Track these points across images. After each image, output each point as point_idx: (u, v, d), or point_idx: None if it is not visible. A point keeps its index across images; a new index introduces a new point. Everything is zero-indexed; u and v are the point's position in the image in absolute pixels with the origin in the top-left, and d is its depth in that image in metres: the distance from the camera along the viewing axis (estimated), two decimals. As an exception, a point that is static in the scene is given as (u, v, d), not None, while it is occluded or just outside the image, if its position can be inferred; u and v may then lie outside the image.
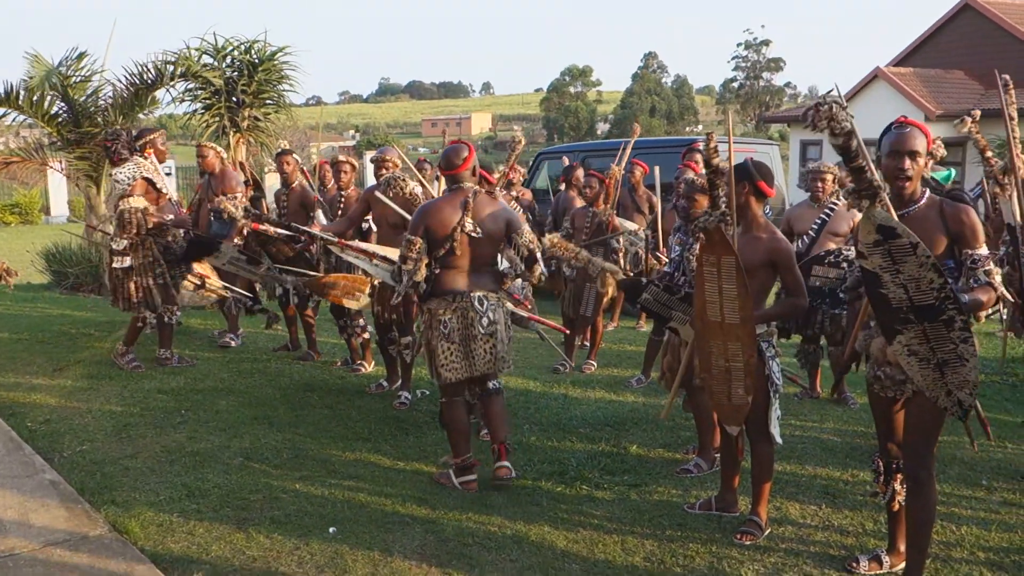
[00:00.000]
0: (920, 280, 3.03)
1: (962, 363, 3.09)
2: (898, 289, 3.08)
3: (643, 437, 5.35)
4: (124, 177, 6.37)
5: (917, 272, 3.03)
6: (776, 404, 4.03)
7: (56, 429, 5.30)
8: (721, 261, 3.77)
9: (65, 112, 11.15)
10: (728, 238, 3.78)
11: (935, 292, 3.02)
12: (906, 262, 3.04)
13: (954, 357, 3.08)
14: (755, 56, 70.84)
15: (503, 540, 3.90)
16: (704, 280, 3.84)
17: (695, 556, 3.78)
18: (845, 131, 3.04)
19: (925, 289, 3.04)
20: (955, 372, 3.10)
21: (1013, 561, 3.73)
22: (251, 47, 12.07)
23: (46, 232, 17.68)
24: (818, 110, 3.02)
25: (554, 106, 75.56)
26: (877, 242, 3.08)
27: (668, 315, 4.43)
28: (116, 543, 3.82)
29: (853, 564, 3.65)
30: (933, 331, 3.08)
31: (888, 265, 3.08)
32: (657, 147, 11.80)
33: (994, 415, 5.86)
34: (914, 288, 3.05)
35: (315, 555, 3.74)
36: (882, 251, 3.08)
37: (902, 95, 20.79)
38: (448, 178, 4.57)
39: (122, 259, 6.43)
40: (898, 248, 3.05)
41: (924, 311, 3.07)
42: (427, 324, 4.57)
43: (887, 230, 3.05)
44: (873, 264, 3.12)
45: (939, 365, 3.11)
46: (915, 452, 3.34)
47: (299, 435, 5.28)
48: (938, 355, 3.10)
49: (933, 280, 3.02)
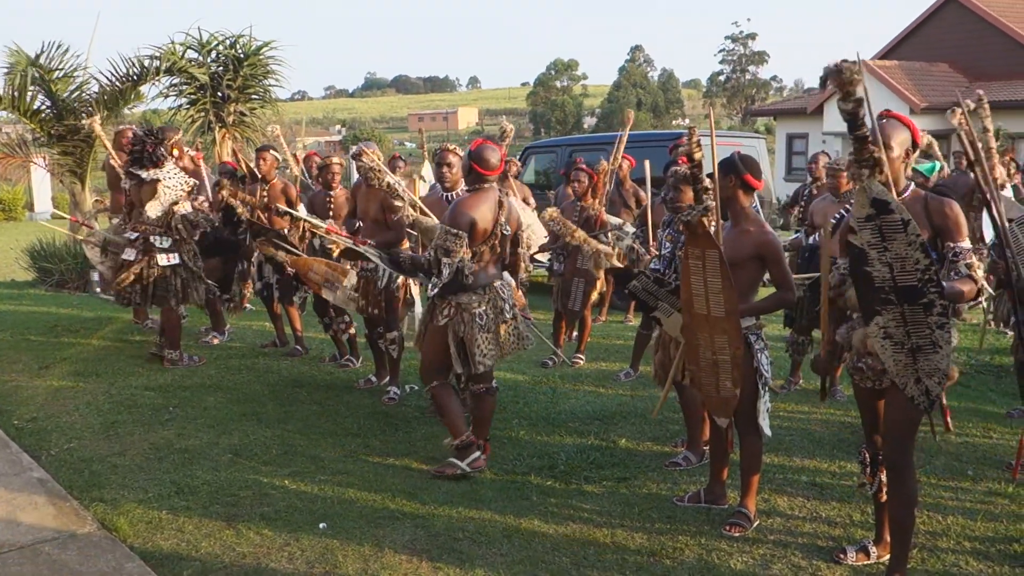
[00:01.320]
0: (906, 260, 3.06)
1: (935, 349, 3.12)
2: (883, 268, 3.11)
3: (632, 431, 5.37)
4: (175, 183, 6.54)
5: (904, 251, 3.06)
6: (766, 396, 4.05)
7: (43, 427, 5.27)
8: (705, 255, 3.79)
9: (48, 108, 11.07)
10: (711, 232, 3.79)
11: (919, 273, 3.06)
12: (895, 239, 3.07)
13: (928, 343, 3.12)
14: (741, 49, 70.94)
15: (493, 534, 3.91)
16: (690, 273, 3.87)
17: (684, 548, 3.80)
18: (857, 97, 3.07)
19: (910, 269, 3.07)
20: (927, 359, 3.13)
21: (998, 550, 3.77)
22: (236, 42, 12.03)
23: (30, 229, 17.57)
24: (840, 70, 3.04)
25: (541, 100, 75.47)
26: (869, 216, 3.11)
27: (654, 304, 4.45)
28: (105, 540, 3.81)
29: (841, 555, 3.68)
30: (912, 314, 3.11)
31: (876, 242, 3.11)
32: (646, 141, 11.80)
33: (979, 405, 5.92)
34: (899, 267, 3.08)
35: (305, 551, 3.73)
36: (872, 226, 3.10)
37: (887, 88, 20.89)
38: (478, 176, 4.63)
39: (168, 256, 6.54)
40: (889, 224, 3.07)
41: (906, 292, 3.10)
42: (454, 317, 4.59)
43: (881, 204, 3.08)
44: (862, 240, 3.14)
45: (912, 351, 3.15)
46: (894, 442, 3.37)
47: (288, 431, 5.28)
48: (913, 339, 3.14)
49: (919, 260, 3.05)
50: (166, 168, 6.52)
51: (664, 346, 4.77)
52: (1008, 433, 5.30)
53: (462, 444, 4.60)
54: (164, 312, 6.72)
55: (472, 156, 4.61)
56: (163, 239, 6.55)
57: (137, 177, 6.48)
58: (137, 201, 6.60)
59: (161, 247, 6.54)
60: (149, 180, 6.45)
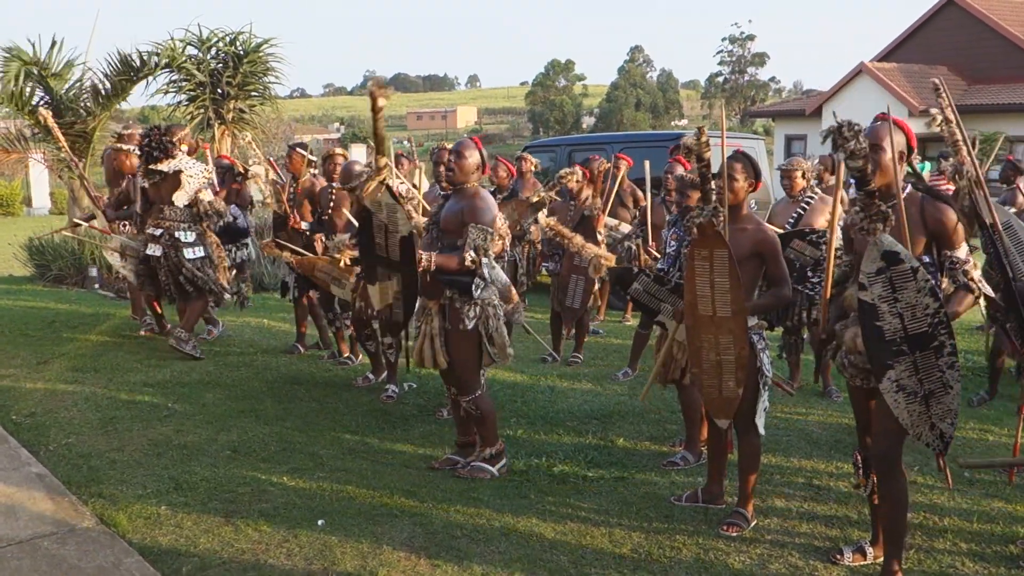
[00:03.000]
0: (916, 307, 3.07)
1: (946, 391, 3.13)
2: (894, 319, 3.11)
3: (630, 430, 5.38)
4: (197, 172, 6.65)
5: (915, 299, 3.06)
6: (765, 396, 4.07)
7: (41, 422, 5.27)
8: (713, 255, 3.79)
9: (47, 103, 11.07)
10: (720, 232, 3.80)
11: (929, 318, 3.06)
12: (906, 289, 3.07)
13: (940, 386, 3.13)
14: (740, 51, 70.98)
15: (491, 532, 3.92)
16: (695, 275, 3.86)
17: (682, 548, 3.81)
18: (863, 154, 3.09)
19: (920, 316, 3.07)
20: (939, 402, 3.14)
21: (995, 552, 3.79)
22: (236, 39, 12.03)
23: (28, 224, 17.54)
24: (840, 131, 3.08)
25: (539, 100, 75.44)
26: (880, 270, 3.10)
27: (657, 307, 4.45)
28: (104, 536, 3.81)
29: (837, 556, 3.69)
30: (923, 360, 3.11)
31: (887, 295, 3.10)
32: (645, 141, 11.83)
33: (974, 407, 5.94)
34: (910, 316, 3.08)
35: (304, 547, 3.74)
36: (883, 279, 3.10)
37: (886, 90, 20.94)
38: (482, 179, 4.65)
39: (194, 249, 6.67)
40: (899, 274, 3.07)
41: (917, 340, 3.10)
42: (481, 316, 4.47)
43: (891, 255, 3.08)
44: (872, 295, 3.14)
45: (925, 398, 3.15)
46: (883, 442, 3.39)
47: (287, 428, 5.28)
48: (925, 386, 3.14)
49: (929, 306, 3.06)
50: (184, 159, 6.61)
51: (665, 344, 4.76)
52: (1004, 435, 5.31)
53: (498, 452, 4.64)
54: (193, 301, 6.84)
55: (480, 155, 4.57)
56: (187, 233, 6.66)
57: (159, 173, 6.55)
58: (158, 198, 6.68)
59: (187, 241, 6.65)
60: (172, 172, 6.54)
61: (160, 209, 6.67)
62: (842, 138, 3.11)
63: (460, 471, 4.59)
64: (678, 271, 4.75)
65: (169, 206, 6.61)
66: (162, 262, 6.68)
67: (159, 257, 6.67)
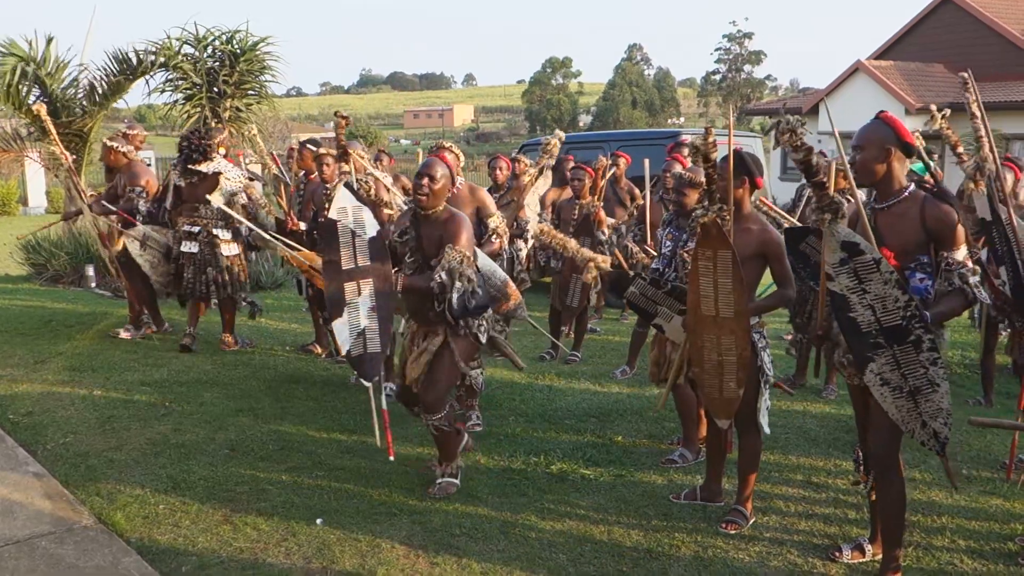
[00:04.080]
0: (886, 299, 3.08)
1: (933, 389, 3.13)
2: (866, 311, 3.12)
3: (628, 428, 5.38)
4: (235, 175, 6.92)
5: (883, 290, 3.07)
6: (767, 395, 4.07)
7: (39, 421, 5.26)
8: (717, 255, 3.78)
9: (44, 101, 11.04)
10: (725, 232, 3.80)
11: (901, 311, 3.07)
12: (871, 280, 3.09)
13: (925, 383, 3.13)
14: (737, 48, 71.02)
15: (490, 530, 3.92)
16: (699, 275, 3.85)
17: (681, 545, 3.81)
18: (805, 147, 3.13)
19: (891, 308, 3.08)
20: (928, 400, 3.14)
21: (993, 549, 3.79)
22: (233, 37, 11.99)
23: (24, 223, 17.52)
24: (779, 127, 3.14)
25: (536, 98, 75.41)
26: (843, 260, 3.13)
27: (654, 311, 4.45)
28: (102, 535, 3.80)
29: (836, 553, 3.70)
30: (903, 355, 3.12)
31: (855, 285, 3.12)
32: (643, 139, 11.82)
33: (973, 405, 5.95)
34: (881, 308, 3.10)
35: (302, 546, 3.74)
36: (848, 270, 3.13)
37: (883, 88, 20.93)
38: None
39: (230, 246, 6.99)
40: (863, 265, 3.09)
41: (893, 333, 3.11)
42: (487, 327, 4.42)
43: (850, 246, 3.10)
44: (840, 286, 3.16)
45: (912, 393, 3.15)
46: (881, 440, 3.39)
47: (284, 427, 5.27)
48: (910, 382, 3.14)
49: (898, 298, 3.07)
50: (222, 162, 6.88)
51: (660, 343, 4.78)
52: (1002, 432, 5.31)
53: (457, 468, 4.43)
54: (223, 300, 7.12)
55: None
56: (224, 231, 6.95)
57: (197, 174, 6.80)
58: (193, 197, 6.90)
59: (224, 239, 6.95)
60: (212, 173, 6.81)
61: (195, 208, 6.92)
62: (781, 133, 3.16)
63: (430, 491, 4.30)
64: (674, 272, 4.74)
65: (205, 205, 6.84)
66: (196, 258, 6.92)
67: (193, 254, 6.91)
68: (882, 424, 3.36)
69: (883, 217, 3.29)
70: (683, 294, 4.36)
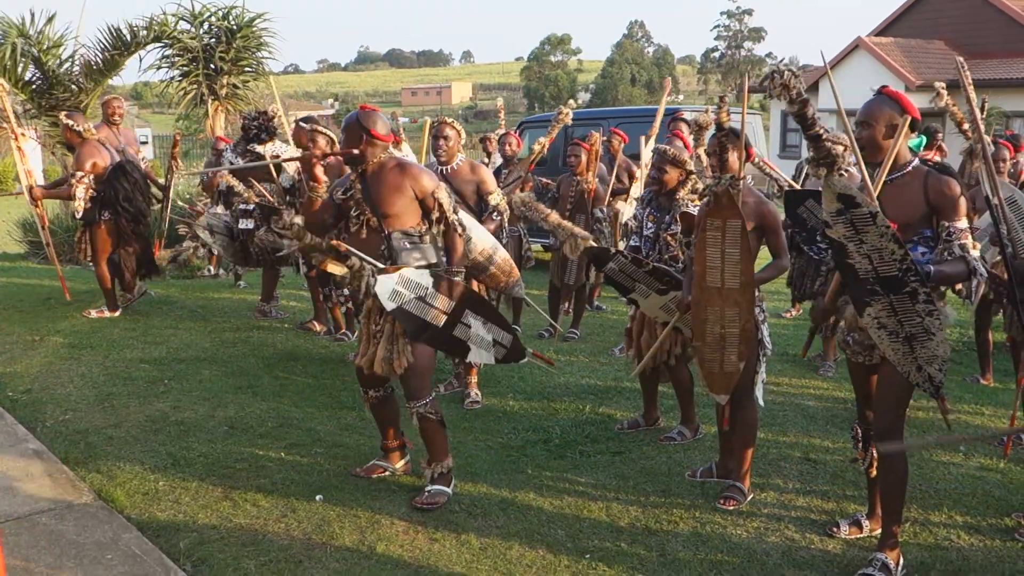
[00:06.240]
0: (883, 250, 3.08)
1: (929, 337, 3.13)
2: (863, 259, 3.13)
3: (627, 405, 5.39)
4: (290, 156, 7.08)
5: (879, 242, 3.07)
6: (763, 368, 4.07)
7: (38, 398, 5.27)
8: (727, 225, 3.78)
9: (39, 79, 10.97)
10: (737, 202, 3.79)
11: (897, 263, 3.07)
12: (867, 232, 3.09)
13: (921, 331, 3.13)
14: (737, 25, 70.65)
15: (489, 507, 3.93)
16: (706, 245, 3.85)
17: (679, 521, 3.83)
18: (800, 98, 3.11)
19: (888, 260, 3.08)
20: (923, 347, 3.15)
21: (990, 525, 3.81)
22: (229, 13, 11.89)
23: (21, 201, 17.38)
24: (772, 79, 3.13)
25: (535, 75, 75.06)
26: (839, 211, 3.13)
27: (631, 286, 4.44)
28: (102, 511, 3.81)
29: (834, 529, 3.71)
30: (899, 303, 3.13)
31: (852, 235, 3.12)
32: (642, 116, 11.76)
33: (971, 382, 5.96)
34: (878, 258, 3.10)
35: (302, 522, 3.75)
36: (844, 220, 3.13)
37: (883, 65, 20.83)
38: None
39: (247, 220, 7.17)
40: (859, 217, 3.09)
41: (889, 282, 3.11)
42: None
43: (847, 198, 3.10)
44: (838, 233, 3.16)
45: (908, 339, 3.16)
46: (884, 416, 3.39)
47: (283, 404, 5.28)
48: (906, 328, 3.15)
49: (895, 251, 3.07)
50: (280, 145, 7.08)
51: (649, 325, 4.74)
52: (1000, 410, 5.34)
53: (449, 469, 4.07)
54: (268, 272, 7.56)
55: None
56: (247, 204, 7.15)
57: (256, 155, 7.02)
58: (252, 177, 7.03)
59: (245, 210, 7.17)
60: (271, 156, 6.98)
61: (251, 186, 7.03)
62: (775, 85, 3.15)
63: (417, 502, 3.93)
64: (657, 253, 4.72)
65: (259, 184, 6.97)
66: (253, 234, 7.11)
67: (250, 231, 7.12)
68: (886, 400, 3.36)
69: (886, 190, 3.29)
70: (664, 275, 4.36)
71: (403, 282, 3.82)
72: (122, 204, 7.11)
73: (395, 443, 4.30)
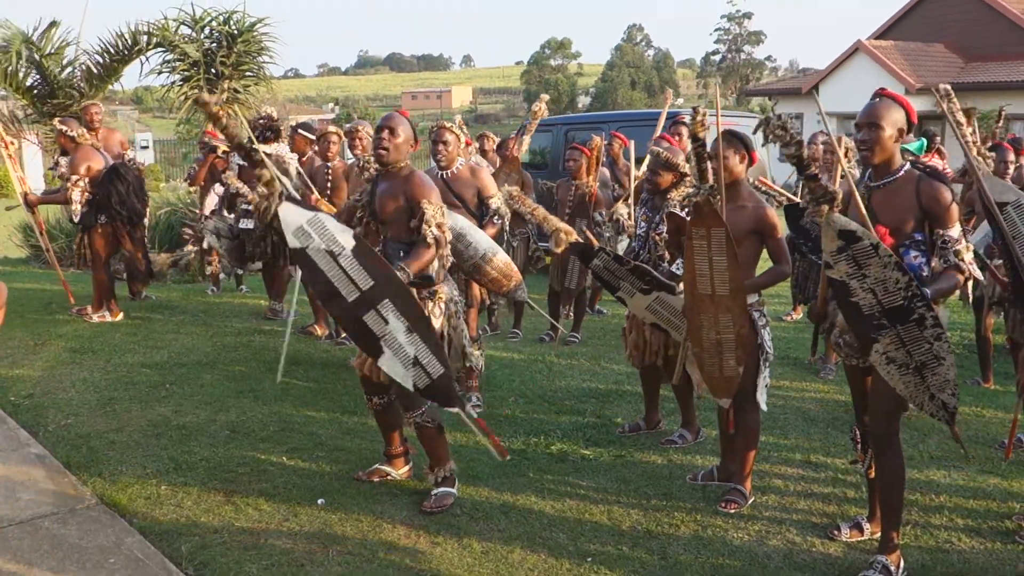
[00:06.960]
0: (887, 281, 3.08)
1: (939, 362, 3.13)
2: (867, 294, 3.13)
3: (628, 408, 5.40)
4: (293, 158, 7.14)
5: (882, 273, 3.08)
6: (766, 372, 4.08)
7: (40, 403, 5.27)
8: (711, 233, 3.79)
9: (40, 84, 11.00)
10: (717, 210, 3.80)
11: (902, 291, 3.07)
12: (870, 264, 3.09)
13: (931, 358, 3.13)
14: (736, 29, 70.71)
15: (490, 510, 3.94)
16: (694, 253, 3.86)
17: (680, 525, 3.83)
18: (796, 141, 3.14)
19: (892, 290, 3.08)
20: (934, 373, 3.14)
21: (990, 527, 3.81)
22: (230, 18, 11.92)
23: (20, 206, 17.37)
24: (768, 124, 3.15)
25: (534, 79, 75.07)
26: (840, 248, 3.13)
27: (617, 285, 4.45)
28: (104, 515, 3.82)
29: (835, 532, 3.72)
30: (907, 333, 3.12)
31: (854, 271, 3.13)
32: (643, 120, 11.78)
33: (971, 385, 5.97)
34: (882, 291, 3.10)
35: (304, 526, 3.76)
36: (846, 257, 3.13)
37: (883, 68, 20.87)
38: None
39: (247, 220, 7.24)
40: (860, 251, 3.10)
41: (895, 313, 3.11)
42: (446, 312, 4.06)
43: (848, 234, 3.11)
44: (840, 273, 3.16)
45: (918, 368, 3.15)
46: (879, 419, 3.40)
47: (285, 408, 5.29)
48: (915, 358, 3.14)
49: (899, 280, 3.07)
50: (283, 146, 7.10)
51: (638, 326, 4.75)
52: (1000, 412, 5.34)
53: (451, 472, 4.06)
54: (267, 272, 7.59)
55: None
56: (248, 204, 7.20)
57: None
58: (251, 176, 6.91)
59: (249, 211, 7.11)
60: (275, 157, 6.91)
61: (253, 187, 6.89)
62: (770, 130, 3.18)
63: (426, 506, 3.91)
64: (647, 254, 4.74)
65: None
66: (253, 234, 7.22)
67: (251, 230, 7.21)
68: (881, 403, 3.37)
69: (878, 195, 3.31)
70: (645, 274, 4.37)
71: (316, 226, 3.50)
72: (116, 207, 7.10)
73: (399, 449, 4.30)
